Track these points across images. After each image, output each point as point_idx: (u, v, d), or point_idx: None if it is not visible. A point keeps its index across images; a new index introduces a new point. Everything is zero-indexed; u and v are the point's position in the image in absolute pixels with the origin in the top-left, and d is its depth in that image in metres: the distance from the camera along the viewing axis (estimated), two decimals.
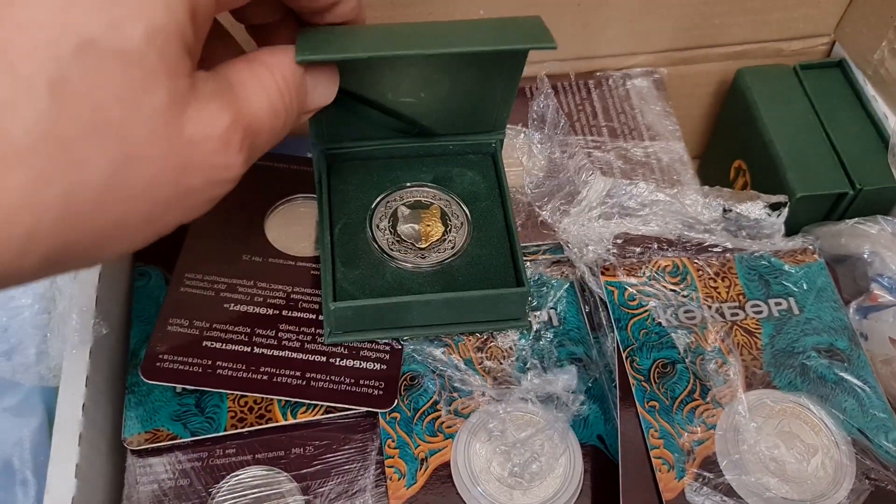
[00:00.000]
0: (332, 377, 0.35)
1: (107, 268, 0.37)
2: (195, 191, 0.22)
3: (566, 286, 0.39)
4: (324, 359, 0.35)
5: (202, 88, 0.22)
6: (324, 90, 0.28)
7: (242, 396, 0.36)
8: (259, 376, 0.35)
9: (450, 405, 0.35)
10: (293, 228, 0.40)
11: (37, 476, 0.38)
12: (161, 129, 0.20)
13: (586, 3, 0.41)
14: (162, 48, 0.20)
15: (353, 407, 0.35)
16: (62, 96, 0.18)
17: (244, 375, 0.35)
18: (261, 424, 0.35)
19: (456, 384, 0.36)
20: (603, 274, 0.38)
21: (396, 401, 0.35)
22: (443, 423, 0.35)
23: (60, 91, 0.18)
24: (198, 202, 0.22)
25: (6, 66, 0.17)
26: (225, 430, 0.35)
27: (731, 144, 0.48)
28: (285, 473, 0.35)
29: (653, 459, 0.32)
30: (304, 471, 0.35)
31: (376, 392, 0.35)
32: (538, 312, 0.38)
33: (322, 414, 0.35)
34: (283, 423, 0.35)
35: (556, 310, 0.38)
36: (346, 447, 0.35)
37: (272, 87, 0.25)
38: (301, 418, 0.35)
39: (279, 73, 0.25)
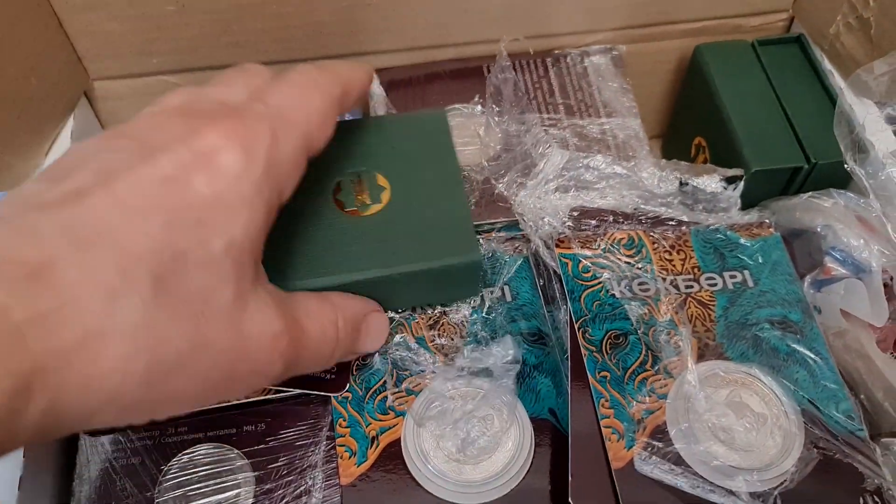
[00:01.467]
0: None
1: None
2: (242, 378, 0.26)
3: (520, 261, 0.39)
4: None
5: (264, 295, 0.27)
6: (375, 341, 0.34)
7: None
8: None
9: (400, 384, 0.35)
10: None
11: None
12: (225, 322, 0.25)
13: None
14: (235, 258, 0.25)
15: (307, 392, 0.35)
16: (159, 292, 0.23)
17: None
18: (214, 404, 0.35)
19: (407, 364, 0.35)
20: (557, 246, 0.37)
21: (349, 384, 0.35)
22: (394, 401, 0.35)
23: (158, 288, 0.23)
24: (240, 388, 0.27)
25: (121, 266, 0.22)
26: None
27: (690, 121, 0.48)
28: (236, 450, 0.35)
29: (603, 429, 0.32)
30: (255, 447, 0.35)
31: (329, 376, 0.35)
32: (491, 288, 0.38)
33: (274, 393, 0.35)
34: (233, 401, 0.35)
35: (509, 286, 0.38)
36: (298, 424, 0.35)
37: (331, 318, 0.30)
38: (253, 397, 0.35)
39: (343, 312, 0.31)
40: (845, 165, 0.37)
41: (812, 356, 0.35)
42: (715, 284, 0.37)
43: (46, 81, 0.40)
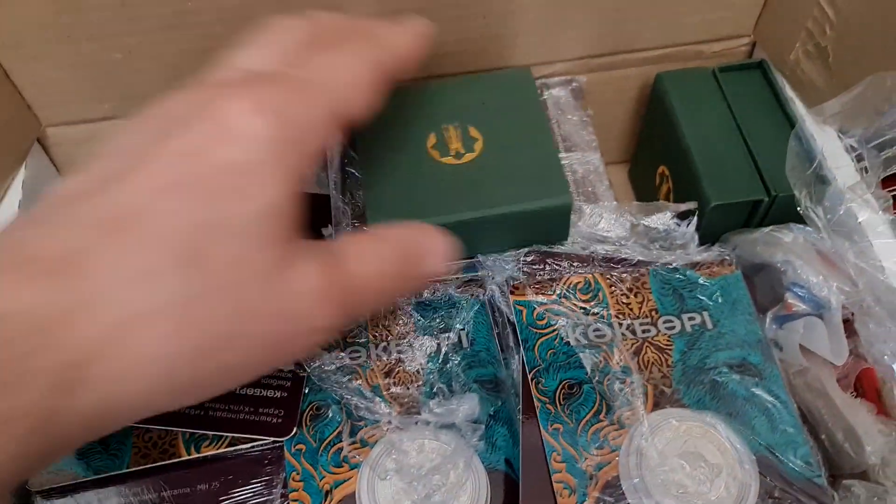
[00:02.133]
0: (232, 406, 0.35)
1: None
2: (296, 336, 0.26)
3: (476, 307, 0.38)
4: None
5: (302, 253, 0.26)
6: (433, 263, 0.31)
7: (147, 431, 0.35)
8: None
9: (355, 435, 0.35)
10: None
11: None
12: (266, 287, 0.24)
13: (492, 14, 0.41)
14: (267, 223, 0.24)
15: (254, 437, 0.35)
16: (194, 267, 0.23)
17: None
18: (164, 460, 0.35)
19: (362, 413, 0.35)
20: (512, 293, 0.37)
21: (295, 429, 0.35)
22: (348, 453, 0.34)
23: (192, 263, 0.23)
24: (298, 347, 0.27)
25: (152, 247, 0.22)
26: (129, 467, 0.34)
27: (654, 150, 0.47)
28: None
29: (554, 484, 0.32)
30: None
31: (275, 420, 0.35)
32: (447, 334, 0.37)
33: (226, 447, 0.35)
34: (187, 457, 0.35)
35: (465, 331, 0.38)
36: (253, 481, 0.35)
37: (378, 252, 0.29)
38: (205, 451, 0.35)
39: (390, 243, 0.30)
40: (799, 209, 0.36)
41: (771, 400, 0.35)
42: (673, 328, 0.37)
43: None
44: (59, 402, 0.21)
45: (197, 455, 0.34)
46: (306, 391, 0.35)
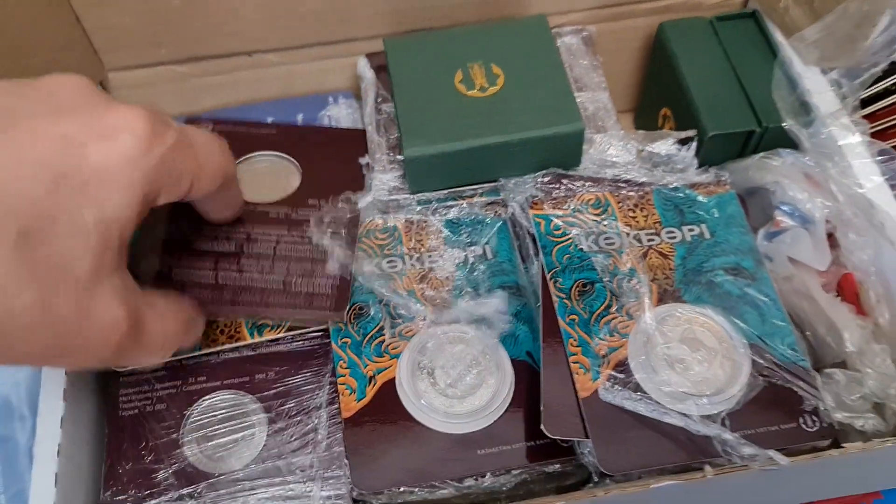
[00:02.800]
0: (289, 300, 0.39)
1: None
2: (73, 351, 0.27)
3: (499, 224, 0.43)
4: (281, 286, 0.39)
5: (118, 281, 0.28)
6: (193, 340, 0.37)
7: (213, 321, 0.40)
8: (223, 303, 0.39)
9: (394, 329, 0.39)
10: (254, 181, 0.44)
11: (32, 412, 0.43)
12: (75, 293, 0.26)
13: None
14: (102, 233, 0.26)
15: (311, 316, 0.39)
16: (22, 247, 0.24)
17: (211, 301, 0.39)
18: (230, 343, 0.39)
19: (400, 311, 0.40)
20: (532, 208, 0.42)
21: (346, 313, 0.39)
22: (388, 345, 0.39)
23: (22, 243, 0.24)
24: (71, 360, 0.29)
25: None
26: (201, 350, 0.39)
27: (657, 94, 0.52)
28: (250, 395, 0.39)
29: (571, 364, 0.37)
30: (266, 392, 0.39)
31: (328, 303, 0.39)
32: (474, 247, 0.42)
33: (285, 331, 0.40)
34: (251, 341, 0.39)
35: (489, 245, 0.42)
36: (304, 371, 0.40)
37: (173, 316, 0.33)
38: (267, 335, 0.39)
39: (179, 314, 0.34)
40: (784, 125, 0.41)
41: (762, 298, 0.39)
42: (675, 237, 0.41)
43: (67, 72, 0.44)
44: None
45: (260, 338, 0.39)
46: (352, 291, 0.40)
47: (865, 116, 0.48)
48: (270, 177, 0.44)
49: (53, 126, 0.25)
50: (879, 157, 0.41)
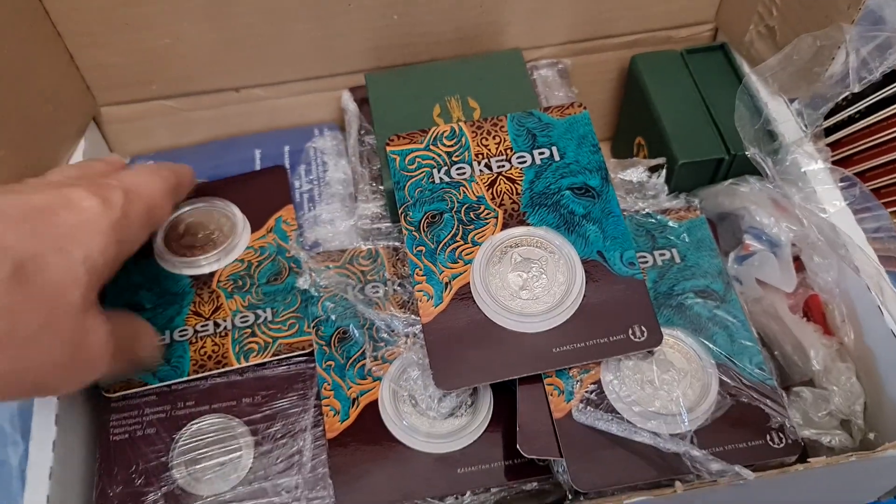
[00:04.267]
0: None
1: None
2: (79, 365, 0.32)
3: None
4: None
5: (100, 308, 0.33)
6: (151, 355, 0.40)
7: (202, 346, 0.41)
8: None
9: (377, 353, 0.41)
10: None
11: (24, 439, 0.44)
12: (72, 315, 0.31)
13: (487, 3, 0.47)
14: (89, 269, 0.31)
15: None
16: (19, 278, 0.29)
17: None
18: (218, 368, 0.41)
19: (382, 334, 0.41)
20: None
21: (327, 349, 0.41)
22: (371, 367, 0.40)
23: (19, 274, 0.29)
24: (76, 376, 0.33)
25: None
26: (188, 376, 0.41)
27: (631, 123, 0.54)
28: (237, 419, 0.40)
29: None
30: (253, 416, 0.40)
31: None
32: None
33: (271, 356, 0.41)
34: (238, 366, 0.41)
35: None
36: (290, 394, 0.41)
37: (135, 332, 0.39)
38: (252, 360, 0.41)
39: (143, 342, 0.39)
40: (747, 154, 0.43)
41: (731, 319, 0.41)
42: (646, 262, 0.43)
43: (60, 108, 0.46)
44: None
45: (246, 363, 0.40)
46: (333, 318, 0.41)
47: (830, 144, 0.50)
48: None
49: (27, 200, 0.31)
50: (842, 184, 0.43)
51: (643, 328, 0.38)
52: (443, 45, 0.50)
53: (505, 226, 0.41)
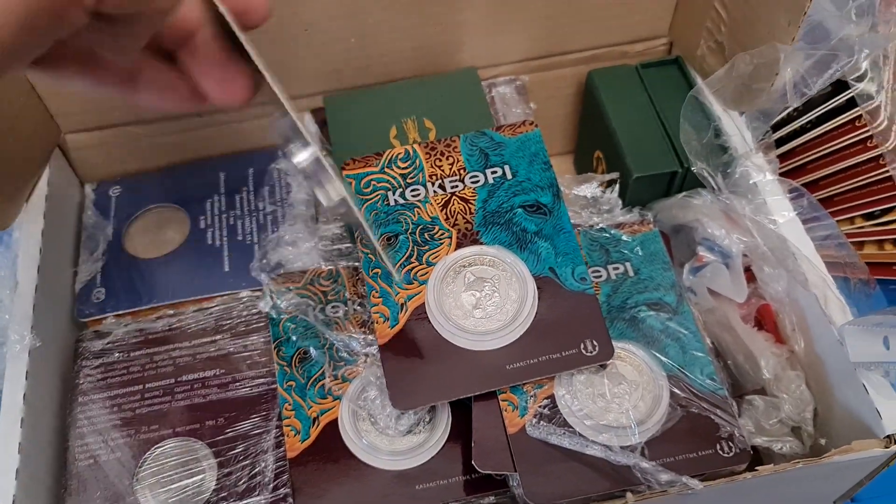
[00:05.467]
0: None
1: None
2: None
3: None
4: None
5: None
6: None
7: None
8: None
9: (337, 372, 0.41)
10: None
11: None
12: None
13: (444, 23, 0.48)
14: None
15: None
16: None
17: None
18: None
19: (342, 354, 0.42)
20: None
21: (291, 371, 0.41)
22: (331, 387, 0.41)
23: None
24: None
25: None
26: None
27: (590, 138, 0.55)
28: (200, 441, 0.41)
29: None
30: (217, 438, 0.41)
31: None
32: None
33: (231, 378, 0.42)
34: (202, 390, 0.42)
35: None
36: (252, 416, 0.42)
37: None
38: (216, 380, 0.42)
39: None
40: (693, 169, 0.43)
41: (683, 331, 0.42)
42: (600, 276, 0.44)
43: (23, 138, 0.46)
44: None
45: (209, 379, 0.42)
46: (294, 338, 0.42)
47: (783, 154, 0.51)
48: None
49: None
50: (790, 195, 0.44)
51: (594, 342, 0.39)
52: (401, 63, 0.51)
53: (459, 245, 0.41)
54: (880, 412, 0.37)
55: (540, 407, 0.39)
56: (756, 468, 0.37)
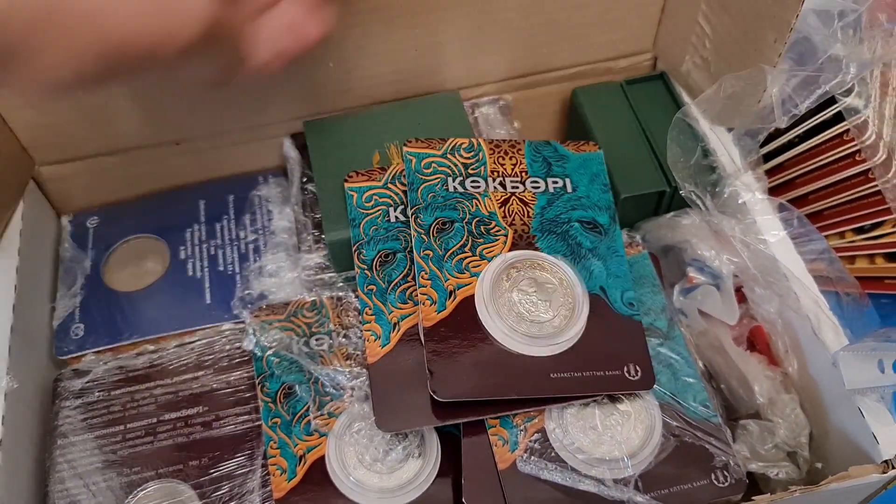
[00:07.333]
0: None
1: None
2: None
3: None
4: None
5: None
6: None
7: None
8: None
9: (323, 408, 0.40)
10: None
11: None
12: None
13: (421, 47, 0.47)
14: None
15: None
16: None
17: None
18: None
19: (328, 389, 0.41)
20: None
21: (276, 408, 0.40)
22: (317, 423, 0.40)
23: None
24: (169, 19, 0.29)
25: None
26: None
27: None
28: (185, 483, 0.40)
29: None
30: (201, 479, 0.40)
31: None
32: None
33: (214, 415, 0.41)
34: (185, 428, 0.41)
35: None
36: (237, 455, 0.41)
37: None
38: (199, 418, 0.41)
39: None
40: (680, 191, 0.43)
41: (674, 357, 0.41)
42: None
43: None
44: None
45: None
46: (278, 373, 0.41)
47: (772, 169, 0.50)
48: None
49: None
50: (780, 213, 0.43)
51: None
52: (382, 87, 0.50)
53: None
54: (876, 436, 0.36)
55: (531, 441, 0.38)
56: (752, 498, 0.36)
